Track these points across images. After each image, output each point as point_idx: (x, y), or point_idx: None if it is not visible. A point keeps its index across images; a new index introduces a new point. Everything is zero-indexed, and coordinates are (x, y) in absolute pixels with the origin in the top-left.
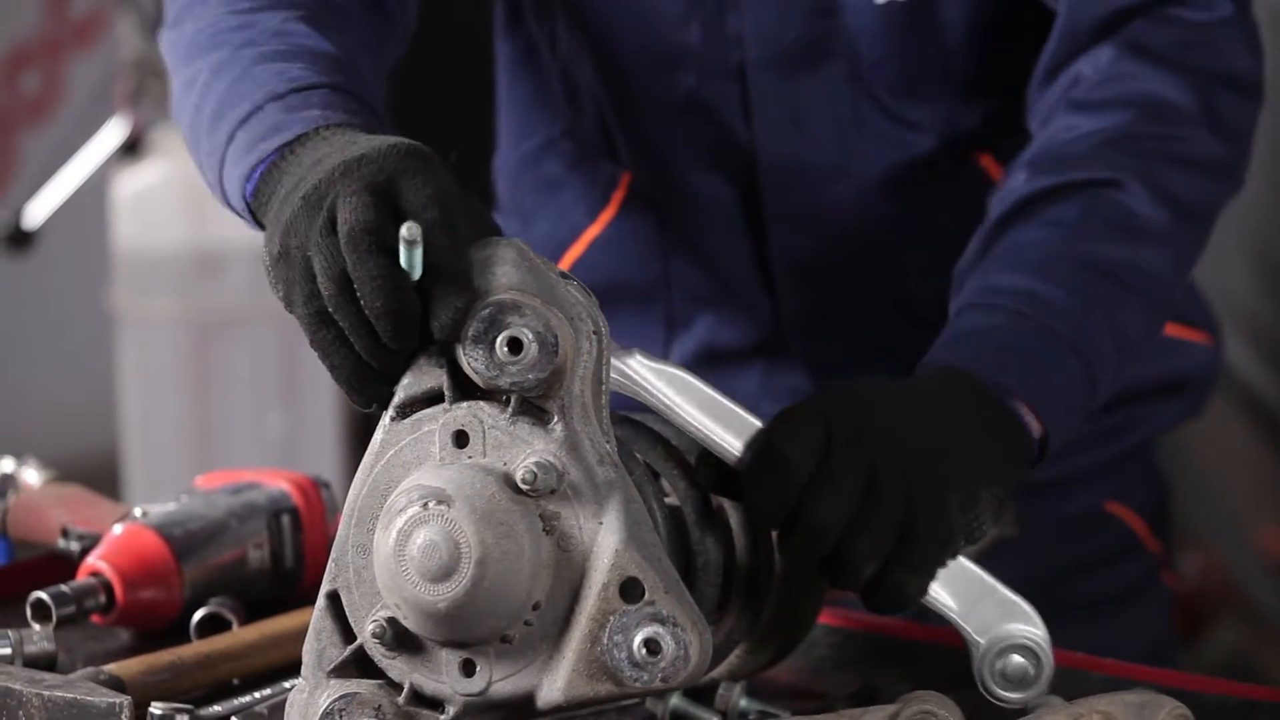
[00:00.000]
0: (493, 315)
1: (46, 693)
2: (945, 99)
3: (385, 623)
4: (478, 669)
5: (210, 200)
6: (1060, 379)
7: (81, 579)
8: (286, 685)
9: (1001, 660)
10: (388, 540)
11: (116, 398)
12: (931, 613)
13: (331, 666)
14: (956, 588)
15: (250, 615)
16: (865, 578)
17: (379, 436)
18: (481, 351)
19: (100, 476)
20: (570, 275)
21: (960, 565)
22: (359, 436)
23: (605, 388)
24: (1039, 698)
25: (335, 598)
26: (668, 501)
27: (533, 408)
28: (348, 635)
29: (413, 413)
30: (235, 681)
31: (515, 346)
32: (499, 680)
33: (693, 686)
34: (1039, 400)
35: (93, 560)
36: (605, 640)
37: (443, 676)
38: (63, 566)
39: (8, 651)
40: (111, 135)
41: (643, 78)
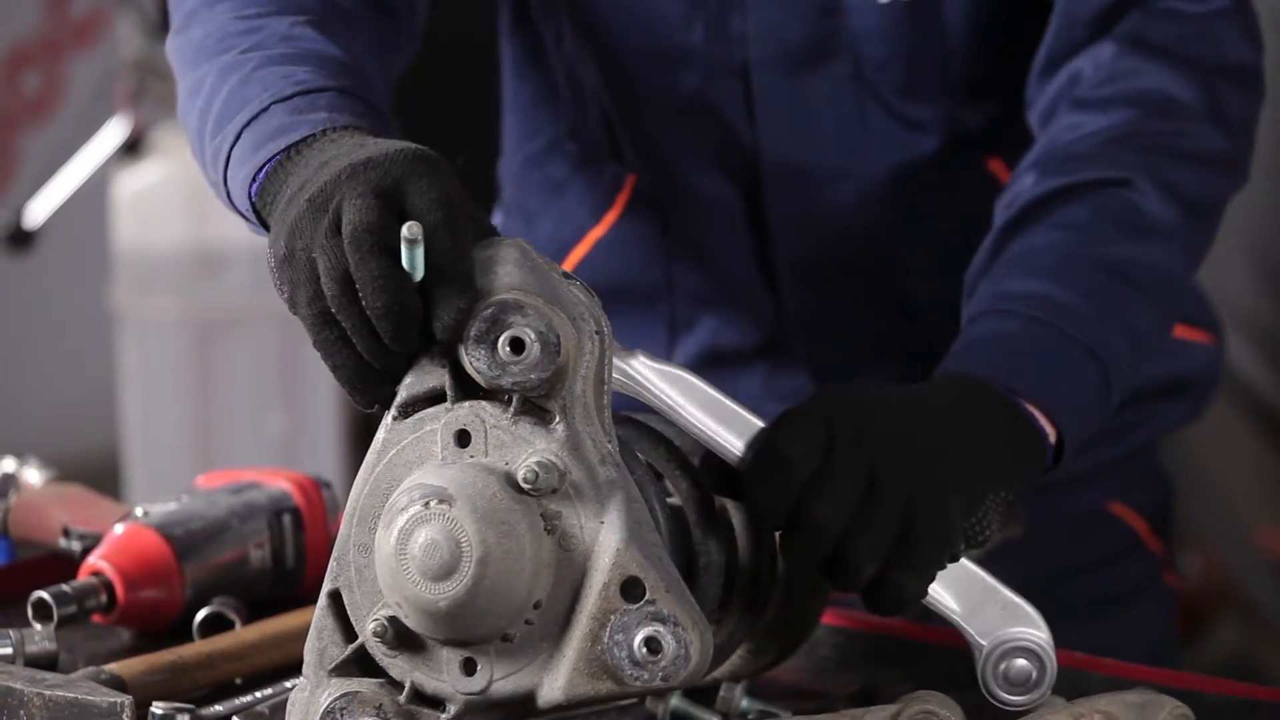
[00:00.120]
0: (495, 315)
1: (48, 692)
2: (949, 99)
3: (386, 621)
4: (479, 668)
5: (211, 200)
6: (1077, 383)
7: (83, 579)
8: (288, 685)
9: (1005, 663)
10: (389, 539)
11: (117, 397)
12: (933, 614)
13: (333, 665)
14: (959, 590)
15: (251, 615)
16: (865, 578)
17: (381, 436)
18: (484, 351)
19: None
20: (573, 275)
21: (963, 567)
22: (360, 436)
23: (607, 388)
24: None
25: (337, 596)
26: (670, 502)
27: (535, 407)
28: (349, 634)
29: (415, 412)
30: (237, 681)
31: (517, 346)
32: (500, 679)
33: (694, 687)
34: (1054, 405)
35: (94, 560)
36: (606, 639)
37: (444, 675)
38: (64, 566)
39: (9, 651)
40: (112, 135)
41: (645, 78)
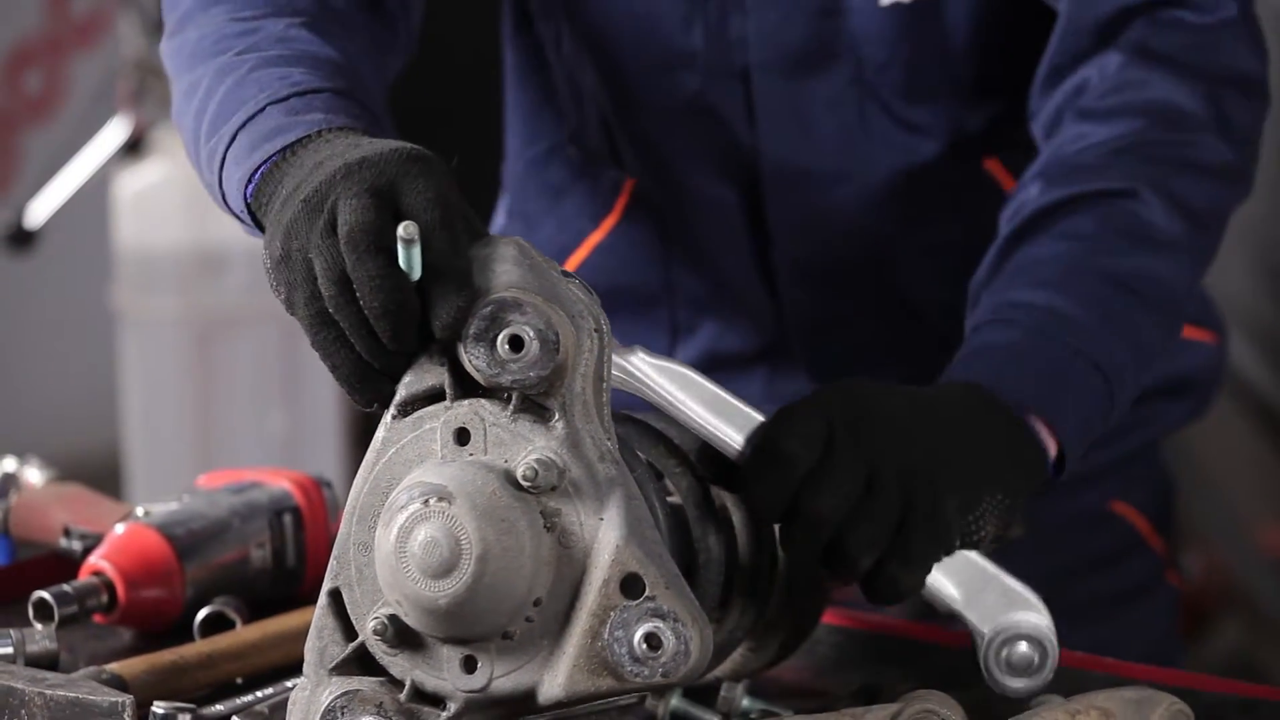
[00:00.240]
0: (494, 313)
1: (49, 692)
2: (950, 102)
3: (386, 620)
4: (479, 665)
5: (212, 200)
6: (1079, 396)
7: (83, 578)
8: (288, 684)
9: (1007, 649)
10: (389, 537)
11: (118, 397)
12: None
13: (333, 664)
14: (960, 578)
15: (252, 615)
16: (863, 569)
17: (381, 434)
18: (483, 349)
19: (102, 475)
20: (571, 273)
21: (964, 556)
22: (360, 435)
23: (606, 385)
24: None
25: (337, 595)
26: (670, 500)
27: (534, 405)
28: (349, 633)
29: (414, 410)
30: (238, 681)
31: (516, 344)
32: (500, 676)
33: (696, 686)
34: (1056, 417)
35: (95, 560)
36: (606, 636)
37: (444, 673)
38: (65, 566)
39: (10, 651)
40: (113, 134)
41: (645, 80)
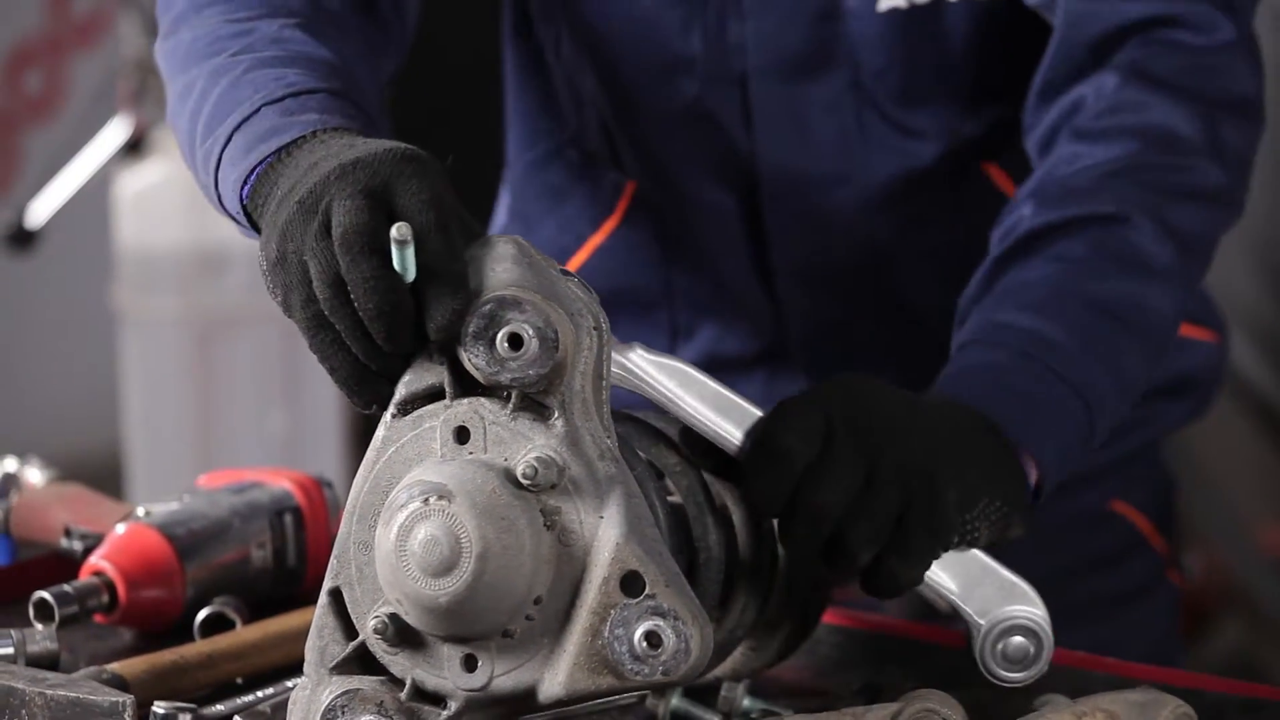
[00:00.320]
0: (493, 311)
1: (49, 692)
2: (948, 107)
3: (387, 618)
4: (479, 664)
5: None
6: (1060, 422)
7: (84, 578)
8: (289, 684)
9: (1002, 641)
10: (389, 536)
11: (119, 397)
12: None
13: (334, 663)
14: (956, 570)
15: (253, 614)
16: (862, 564)
17: (380, 433)
18: (482, 348)
19: (102, 475)
20: (570, 272)
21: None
22: (360, 435)
23: (606, 383)
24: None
25: (337, 594)
26: (670, 499)
27: (533, 403)
28: (350, 632)
29: (414, 409)
30: (239, 680)
31: (515, 342)
32: (500, 675)
33: (696, 685)
34: (1034, 441)
35: (95, 560)
36: (606, 634)
37: (444, 672)
38: (65, 566)
39: (11, 651)
40: (114, 134)
41: (644, 86)
